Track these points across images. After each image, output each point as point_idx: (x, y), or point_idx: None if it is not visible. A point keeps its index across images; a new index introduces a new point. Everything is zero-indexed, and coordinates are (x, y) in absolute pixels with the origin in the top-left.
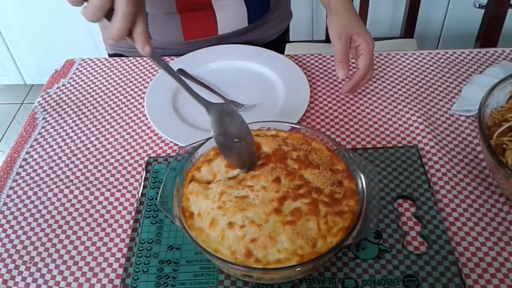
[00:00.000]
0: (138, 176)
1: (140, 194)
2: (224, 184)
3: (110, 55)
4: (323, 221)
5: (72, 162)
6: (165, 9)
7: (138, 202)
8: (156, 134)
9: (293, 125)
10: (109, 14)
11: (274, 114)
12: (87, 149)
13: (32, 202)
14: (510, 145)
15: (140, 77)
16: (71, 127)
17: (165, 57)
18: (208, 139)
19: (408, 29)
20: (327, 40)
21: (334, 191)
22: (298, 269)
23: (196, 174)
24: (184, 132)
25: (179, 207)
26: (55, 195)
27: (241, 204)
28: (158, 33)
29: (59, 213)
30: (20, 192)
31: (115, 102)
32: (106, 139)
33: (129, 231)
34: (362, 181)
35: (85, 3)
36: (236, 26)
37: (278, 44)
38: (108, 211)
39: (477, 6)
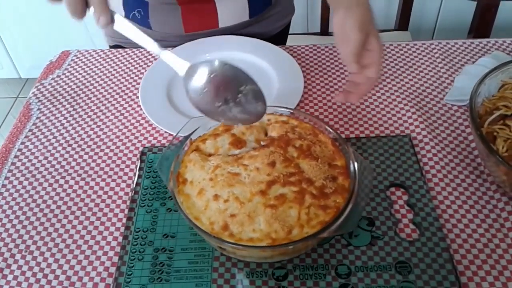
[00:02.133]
0: (133, 166)
1: (135, 183)
2: (222, 159)
3: (111, 47)
4: (305, 211)
5: (67, 152)
6: None
7: (133, 191)
8: (150, 125)
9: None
10: None
11: (268, 104)
12: (82, 139)
13: (27, 192)
14: (501, 133)
15: (135, 68)
16: (65, 118)
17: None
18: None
19: (403, 21)
20: (323, 33)
21: (325, 185)
22: (268, 250)
23: (201, 145)
24: (178, 122)
25: (175, 172)
26: (50, 185)
27: (231, 180)
28: (159, 24)
29: (54, 202)
30: (15, 182)
31: (109, 93)
32: (101, 130)
33: (124, 220)
34: (356, 180)
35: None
36: (237, 20)
37: (279, 38)
38: (103, 201)
39: None
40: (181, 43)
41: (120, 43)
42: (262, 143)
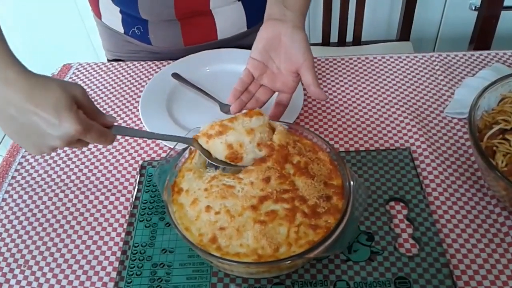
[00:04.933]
0: (132, 180)
1: (134, 197)
2: (219, 171)
3: (109, 61)
4: (294, 229)
5: (67, 166)
6: (165, 17)
7: (132, 205)
8: None
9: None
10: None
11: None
12: (82, 153)
13: (27, 206)
14: (501, 147)
15: (136, 81)
16: None
17: (162, 61)
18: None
19: (404, 32)
20: (324, 43)
21: (318, 205)
22: (252, 267)
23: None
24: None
25: (171, 181)
26: (50, 199)
27: (225, 193)
28: (159, 40)
29: (54, 216)
30: (15, 196)
31: (110, 106)
32: None
33: (123, 235)
34: (350, 203)
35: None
36: (236, 31)
37: None
38: (102, 215)
39: (473, 8)
40: (181, 56)
41: (119, 57)
42: (260, 152)
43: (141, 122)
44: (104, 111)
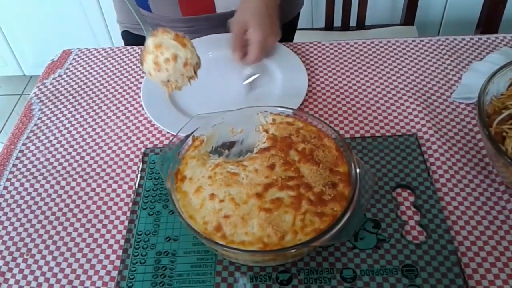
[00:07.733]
0: (135, 167)
1: (137, 185)
2: (224, 158)
3: (122, 33)
4: (300, 217)
5: (69, 153)
6: None
7: (135, 193)
8: (153, 125)
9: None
10: None
11: (272, 103)
12: (84, 140)
13: (29, 193)
14: (510, 133)
15: (137, 67)
16: (67, 118)
17: None
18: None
19: (409, 16)
20: (327, 28)
21: (324, 192)
22: (258, 255)
23: None
24: (181, 123)
25: (175, 169)
26: (52, 186)
27: (229, 180)
28: (157, 7)
29: (56, 204)
30: (17, 184)
31: (111, 93)
32: (103, 130)
33: (126, 223)
34: (356, 190)
35: None
36: (235, 5)
37: (286, 31)
38: (105, 203)
39: None
40: (181, 28)
41: (127, 29)
42: (264, 144)
43: (143, 109)
44: (105, 98)
